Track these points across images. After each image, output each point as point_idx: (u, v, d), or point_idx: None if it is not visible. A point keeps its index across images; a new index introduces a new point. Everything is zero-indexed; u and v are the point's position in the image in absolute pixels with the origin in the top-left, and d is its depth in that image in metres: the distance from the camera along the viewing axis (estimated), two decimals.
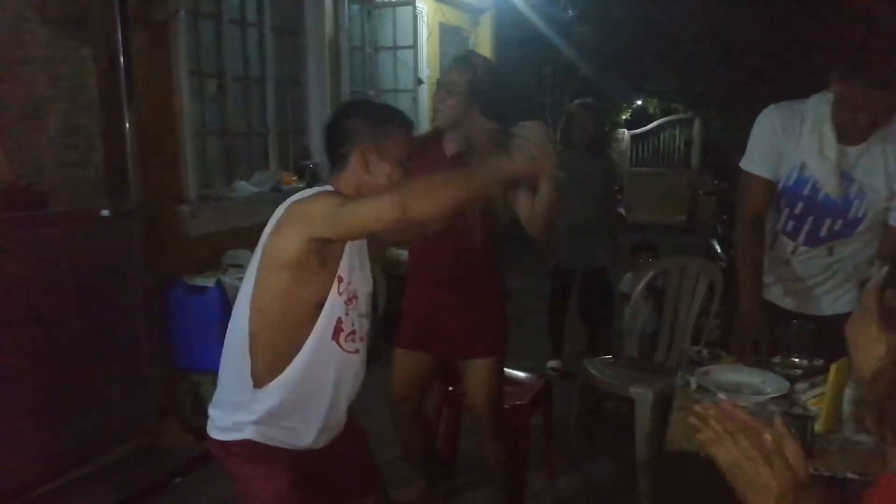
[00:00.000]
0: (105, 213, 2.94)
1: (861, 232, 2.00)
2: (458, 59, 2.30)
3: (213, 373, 3.31)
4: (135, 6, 2.98)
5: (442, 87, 2.21)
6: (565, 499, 2.85)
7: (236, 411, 1.61)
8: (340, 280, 1.56)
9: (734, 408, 1.02)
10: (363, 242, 1.66)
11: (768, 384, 1.84)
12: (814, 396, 1.75)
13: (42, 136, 2.91)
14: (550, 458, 2.96)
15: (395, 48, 5.51)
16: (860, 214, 1.97)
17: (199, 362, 3.21)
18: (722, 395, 1.78)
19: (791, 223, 2.07)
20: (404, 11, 5.48)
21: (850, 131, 1.91)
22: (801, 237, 2.06)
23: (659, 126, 12.67)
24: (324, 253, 1.52)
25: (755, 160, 2.09)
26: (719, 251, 5.58)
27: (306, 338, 1.56)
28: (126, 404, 3.03)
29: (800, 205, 2.03)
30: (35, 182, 2.92)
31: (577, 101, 4.12)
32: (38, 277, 2.66)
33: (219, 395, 1.70)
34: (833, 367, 1.65)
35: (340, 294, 1.57)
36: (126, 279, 3.01)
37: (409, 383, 2.41)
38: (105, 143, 3.03)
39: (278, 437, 1.61)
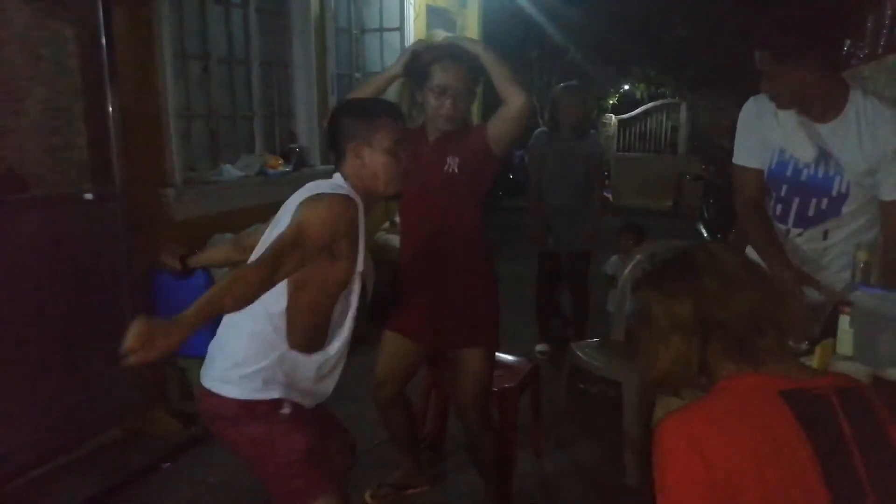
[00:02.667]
0: (88, 196, 2.92)
1: (850, 212, 2.00)
2: (448, 58, 2.20)
3: (201, 358, 3.31)
4: None
5: (440, 91, 2.17)
6: (552, 479, 2.88)
7: (261, 373, 1.68)
8: (356, 259, 1.70)
9: None
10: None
11: None
12: None
13: (22, 119, 2.87)
14: (538, 440, 3.00)
15: (381, 30, 5.47)
16: (843, 190, 1.98)
17: (185, 347, 3.14)
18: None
19: (779, 206, 2.10)
20: None
21: (780, 103, 1.96)
22: (791, 219, 2.08)
23: (646, 111, 12.71)
24: (333, 251, 1.65)
25: (741, 153, 2.14)
26: (705, 235, 5.63)
27: (345, 315, 1.76)
28: (113, 389, 3.02)
29: (784, 187, 2.07)
30: (16, 166, 2.89)
31: (562, 85, 4.13)
32: (21, 262, 2.64)
33: (230, 358, 1.71)
34: (818, 347, 1.68)
35: (358, 272, 1.72)
36: (110, 263, 2.99)
37: (394, 368, 2.39)
38: (87, 126, 2.99)
39: (298, 399, 1.74)
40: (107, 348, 2.96)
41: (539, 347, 4.22)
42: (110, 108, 2.94)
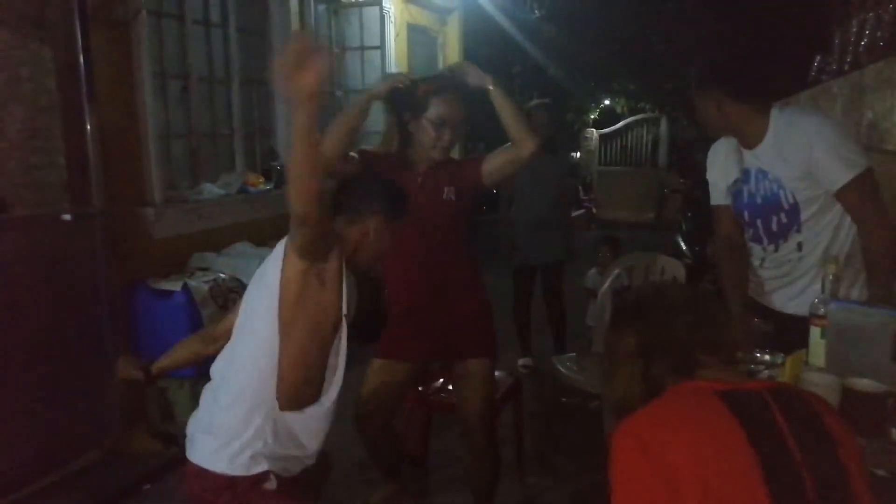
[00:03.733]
0: (67, 217, 2.91)
1: (812, 219, 2.09)
2: (449, 91, 2.25)
3: (181, 378, 3.31)
4: (94, 6, 2.95)
5: (439, 122, 2.21)
6: (535, 494, 2.89)
7: (252, 442, 1.63)
8: (341, 304, 1.69)
9: None
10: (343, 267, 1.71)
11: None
12: None
13: (1, 139, 2.87)
14: (520, 455, 3.00)
15: (362, 48, 5.51)
16: (791, 201, 2.10)
17: None
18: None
19: (751, 231, 2.24)
20: (371, 11, 5.48)
21: (740, 137, 2.16)
22: (764, 239, 2.20)
23: (626, 125, 12.84)
24: (321, 275, 1.63)
25: (713, 192, 2.33)
26: (684, 247, 5.69)
27: (336, 367, 1.72)
28: (93, 410, 3.00)
29: (746, 213, 2.22)
30: None
31: (534, 102, 4.21)
32: (0, 283, 2.63)
33: (221, 420, 1.66)
34: (788, 360, 1.71)
35: (346, 315, 1.70)
36: (90, 284, 2.98)
37: (383, 397, 2.35)
38: (66, 146, 2.99)
39: (284, 467, 1.69)
40: (86, 368, 2.96)
41: (521, 361, 4.24)
42: (89, 128, 2.94)
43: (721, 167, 2.28)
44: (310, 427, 1.72)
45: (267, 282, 1.66)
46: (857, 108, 2.67)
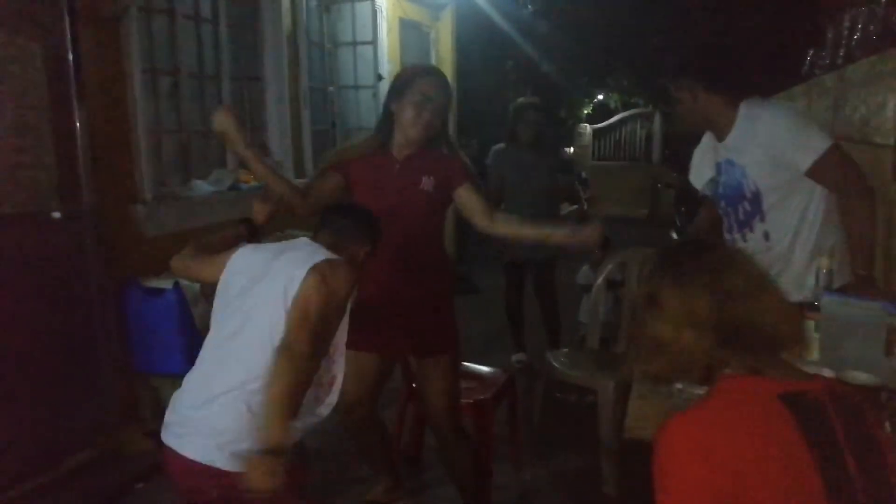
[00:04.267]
0: (56, 214, 2.89)
1: (774, 207, 2.21)
2: (431, 73, 2.32)
3: (173, 376, 3.29)
4: (84, 2, 2.93)
5: (421, 102, 2.21)
6: (531, 491, 2.90)
7: (247, 438, 1.63)
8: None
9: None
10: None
11: None
12: None
13: None
14: (516, 451, 3.01)
15: (354, 43, 5.50)
16: (753, 190, 2.23)
17: (158, 366, 3.17)
18: (679, 384, 1.83)
19: (725, 220, 2.39)
20: (363, 6, 5.47)
21: (713, 130, 2.31)
22: (735, 227, 2.35)
23: (620, 120, 12.86)
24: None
25: (694, 180, 2.52)
26: None
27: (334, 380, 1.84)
28: (85, 410, 2.98)
29: (721, 203, 2.38)
30: None
31: (521, 99, 4.20)
32: None
33: (223, 435, 1.64)
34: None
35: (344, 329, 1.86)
36: (81, 282, 2.96)
37: (362, 389, 2.35)
38: (56, 143, 2.97)
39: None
40: (78, 367, 2.95)
41: (515, 357, 4.24)
42: (78, 125, 2.92)
43: (697, 166, 2.48)
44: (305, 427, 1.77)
45: (277, 290, 1.68)
46: (849, 102, 2.68)
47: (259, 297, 1.72)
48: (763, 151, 2.14)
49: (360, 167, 2.30)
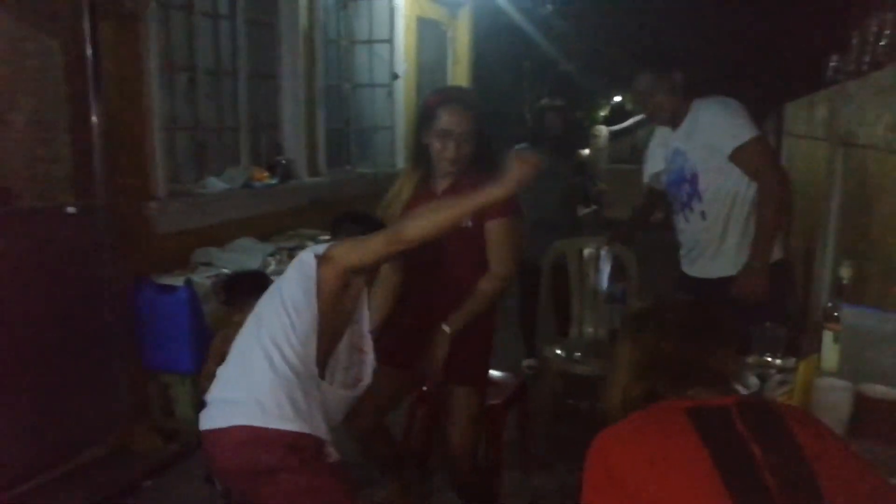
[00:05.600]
0: (71, 210, 2.93)
1: (708, 189, 2.58)
2: (455, 101, 2.27)
3: (183, 373, 3.33)
4: None
5: (444, 135, 2.21)
6: (541, 496, 2.90)
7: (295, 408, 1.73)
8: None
9: None
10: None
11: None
12: (783, 392, 1.81)
13: (7, 131, 2.88)
14: (526, 457, 3.01)
15: (370, 42, 5.52)
16: (692, 171, 2.60)
17: (169, 363, 3.20)
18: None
19: (673, 203, 2.78)
20: (381, 4, 5.49)
21: (657, 117, 2.76)
22: (679, 208, 2.72)
23: (637, 122, 12.79)
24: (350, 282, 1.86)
25: (644, 174, 3.02)
26: None
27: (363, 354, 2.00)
28: (95, 406, 3.02)
29: (671, 188, 2.75)
30: None
31: (544, 101, 4.22)
32: (3, 277, 2.64)
33: (269, 393, 1.72)
34: (801, 364, 1.72)
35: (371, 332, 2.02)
36: (93, 278, 3.00)
37: (376, 400, 2.31)
38: (72, 139, 3.01)
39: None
40: (90, 363, 2.98)
41: (526, 362, 4.24)
42: (95, 120, 2.96)
43: (648, 160, 2.95)
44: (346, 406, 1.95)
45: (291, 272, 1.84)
46: (874, 110, 2.67)
47: (274, 288, 1.87)
48: (702, 137, 2.53)
49: (411, 199, 2.32)
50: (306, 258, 1.82)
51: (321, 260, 1.80)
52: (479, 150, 2.28)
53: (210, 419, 1.75)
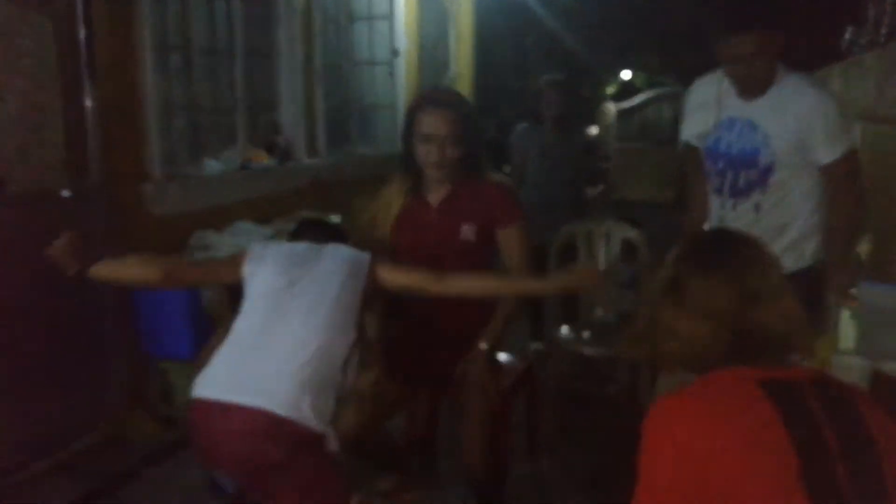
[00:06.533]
0: (66, 193, 2.91)
1: (777, 183, 2.25)
2: (432, 102, 2.24)
3: (182, 361, 3.33)
4: None
5: (426, 139, 2.18)
6: (549, 480, 2.90)
7: (327, 400, 1.79)
8: None
9: None
10: None
11: None
12: None
13: (1, 114, 2.86)
14: (533, 440, 3.01)
15: (370, 18, 5.47)
16: (768, 162, 2.23)
17: (166, 350, 3.20)
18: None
19: (717, 180, 2.37)
20: None
21: (744, 85, 2.24)
22: (726, 190, 2.35)
23: (645, 100, 12.70)
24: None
25: (685, 129, 2.51)
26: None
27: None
28: (93, 393, 3.02)
29: (721, 162, 2.34)
30: None
31: (545, 78, 4.15)
32: None
33: (300, 385, 1.74)
34: (818, 343, 1.70)
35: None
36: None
37: (374, 410, 2.33)
38: (66, 121, 2.98)
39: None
40: (85, 350, 2.98)
41: (534, 345, 4.24)
42: (89, 102, 2.94)
43: (691, 113, 2.47)
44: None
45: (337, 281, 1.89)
46: (892, 83, 2.62)
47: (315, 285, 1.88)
48: (797, 127, 2.17)
49: (402, 211, 2.29)
50: (356, 267, 1.91)
51: (369, 272, 1.91)
52: (469, 153, 2.22)
53: (225, 389, 1.73)
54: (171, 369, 3.25)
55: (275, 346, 1.77)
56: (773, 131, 2.20)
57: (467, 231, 2.21)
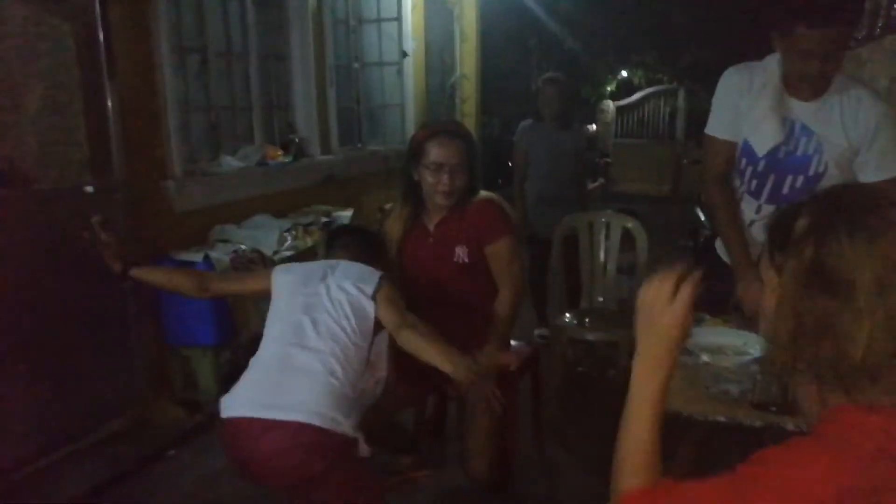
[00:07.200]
0: (89, 189, 2.90)
1: None
2: (444, 133, 2.22)
3: (203, 347, 3.32)
4: None
5: (437, 168, 2.16)
6: (554, 463, 2.88)
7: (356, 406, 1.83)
8: None
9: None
10: None
11: (750, 345, 1.85)
12: None
13: (22, 114, 2.85)
14: (539, 426, 2.98)
15: (379, 20, 5.43)
16: (820, 170, 1.97)
17: (189, 337, 3.19)
18: (705, 357, 1.79)
19: (754, 182, 2.07)
20: None
21: (803, 85, 1.92)
22: (764, 195, 2.06)
23: (644, 97, 12.62)
24: None
25: (715, 122, 2.11)
26: (703, 219, 5.60)
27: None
28: (116, 380, 3.02)
29: (762, 162, 2.03)
30: (17, 161, 2.87)
31: (545, 76, 4.14)
32: (24, 256, 2.63)
33: (330, 396, 1.76)
34: None
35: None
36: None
37: (386, 405, 2.29)
38: (87, 121, 2.97)
39: None
40: (110, 339, 2.98)
41: (538, 332, 4.22)
42: (109, 103, 2.92)
43: (759, 122, 1.99)
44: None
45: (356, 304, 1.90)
46: (888, 75, 2.57)
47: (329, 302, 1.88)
48: (855, 136, 1.91)
49: (404, 239, 2.28)
50: (363, 301, 1.90)
51: (375, 293, 1.91)
52: (472, 182, 2.23)
53: (259, 407, 1.73)
54: (194, 356, 3.24)
55: (301, 362, 1.78)
56: (830, 138, 1.94)
57: (461, 253, 2.21)
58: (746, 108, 2.01)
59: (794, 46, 1.81)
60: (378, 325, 1.92)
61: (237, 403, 1.77)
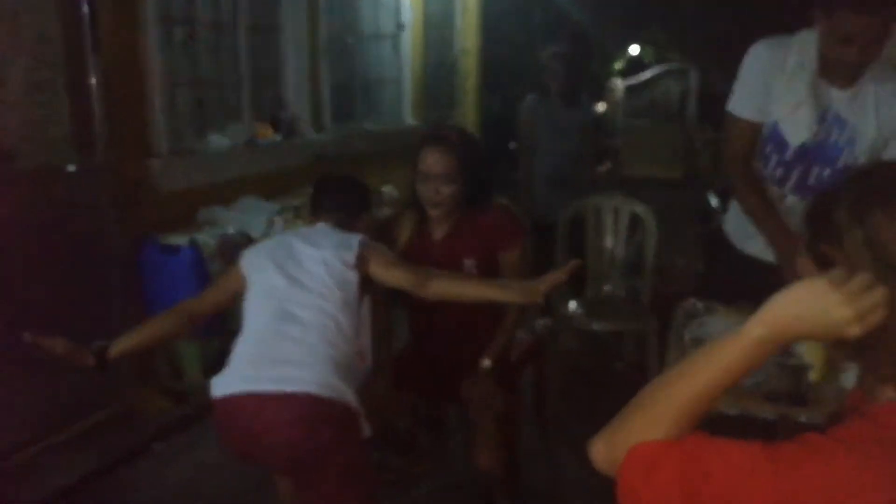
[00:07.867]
0: (72, 168, 2.92)
1: None
2: (431, 141, 2.24)
3: (189, 337, 3.33)
4: None
5: (424, 177, 2.19)
6: (557, 455, 2.93)
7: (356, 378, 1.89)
8: None
9: None
10: None
11: None
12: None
13: (4, 91, 2.86)
14: (543, 417, 3.03)
15: None
16: (849, 162, 1.96)
17: None
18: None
19: (780, 170, 2.06)
20: None
21: (839, 71, 1.89)
22: (790, 184, 2.06)
23: (654, 76, 12.59)
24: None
25: (741, 101, 2.06)
26: (715, 205, 5.62)
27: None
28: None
29: (789, 151, 2.01)
30: None
31: (549, 50, 4.08)
32: (4, 237, 2.65)
33: (330, 365, 1.80)
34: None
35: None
36: (96, 238, 3.00)
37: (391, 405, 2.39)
38: (70, 97, 2.98)
39: None
40: (93, 325, 3.00)
41: (541, 321, 4.25)
42: (93, 79, 2.93)
43: (792, 109, 1.95)
44: None
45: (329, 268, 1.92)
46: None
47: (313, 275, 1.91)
48: (888, 127, 1.90)
49: (407, 245, 2.31)
50: (344, 250, 1.93)
51: (358, 260, 1.92)
52: (472, 190, 2.23)
53: (255, 381, 1.75)
54: (180, 345, 3.27)
55: (292, 334, 1.81)
56: (863, 130, 1.92)
57: (469, 266, 2.24)
58: (779, 91, 1.96)
59: (835, 29, 1.78)
60: (362, 293, 1.94)
61: (232, 381, 1.79)
